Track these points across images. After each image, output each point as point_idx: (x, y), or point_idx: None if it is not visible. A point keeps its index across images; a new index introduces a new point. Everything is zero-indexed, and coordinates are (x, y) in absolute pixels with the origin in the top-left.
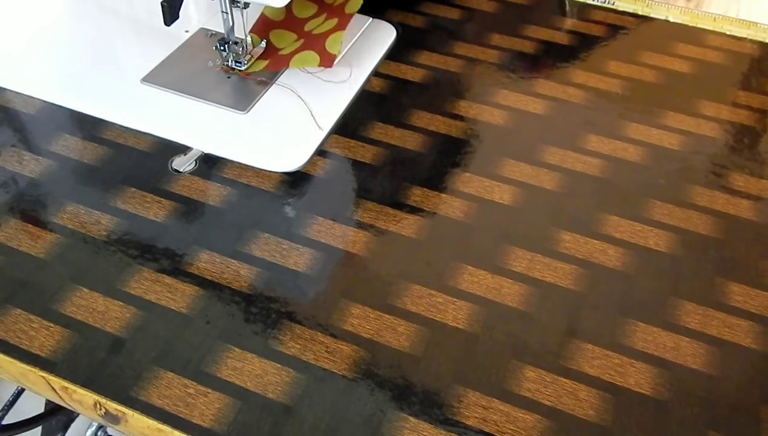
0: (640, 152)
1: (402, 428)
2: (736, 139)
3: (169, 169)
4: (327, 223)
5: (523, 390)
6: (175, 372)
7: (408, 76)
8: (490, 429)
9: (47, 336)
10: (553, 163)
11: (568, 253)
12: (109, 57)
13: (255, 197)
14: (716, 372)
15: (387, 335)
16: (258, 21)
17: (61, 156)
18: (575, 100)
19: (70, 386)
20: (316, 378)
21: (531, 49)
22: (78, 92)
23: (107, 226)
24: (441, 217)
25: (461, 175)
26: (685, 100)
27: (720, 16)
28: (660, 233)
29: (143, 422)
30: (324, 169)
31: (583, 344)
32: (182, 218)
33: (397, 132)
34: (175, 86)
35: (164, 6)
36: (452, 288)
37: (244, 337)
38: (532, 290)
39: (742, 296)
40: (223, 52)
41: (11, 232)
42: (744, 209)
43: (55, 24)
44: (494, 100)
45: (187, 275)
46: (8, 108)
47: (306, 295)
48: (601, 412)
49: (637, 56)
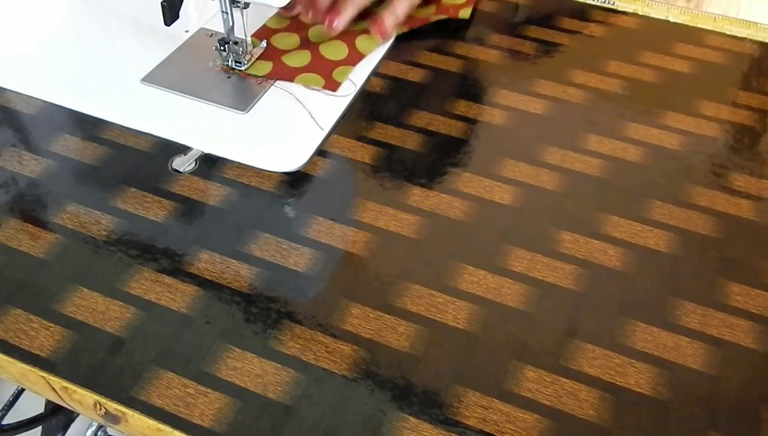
0: (640, 152)
1: (402, 428)
2: (736, 139)
3: (169, 169)
4: (327, 223)
5: (523, 390)
6: (175, 372)
7: (408, 76)
8: (490, 429)
9: (47, 336)
10: (553, 163)
11: (568, 253)
12: (109, 57)
13: (255, 197)
14: (716, 372)
15: (387, 335)
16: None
17: (61, 156)
18: (575, 100)
19: (70, 386)
20: (316, 378)
21: (531, 49)
22: (78, 92)
23: (107, 226)
24: (441, 217)
25: (461, 175)
26: (685, 100)
27: (720, 16)
28: (660, 233)
29: (143, 422)
30: (324, 169)
31: (583, 344)
32: (182, 218)
33: (397, 132)
34: (175, 86)
35: (164, 6)
36: (452, 288)
37: (244, 337)
38: (532, 290)
39: (742, 296)
40: (223, 52)
41: (11, 232)
42: (744, 209)
43: (55, 24)
44: (494, 100)
45: (187, 275)
46: (8, 108)
47: (306, 295)
48: (601, 412)
49: (637, 56)
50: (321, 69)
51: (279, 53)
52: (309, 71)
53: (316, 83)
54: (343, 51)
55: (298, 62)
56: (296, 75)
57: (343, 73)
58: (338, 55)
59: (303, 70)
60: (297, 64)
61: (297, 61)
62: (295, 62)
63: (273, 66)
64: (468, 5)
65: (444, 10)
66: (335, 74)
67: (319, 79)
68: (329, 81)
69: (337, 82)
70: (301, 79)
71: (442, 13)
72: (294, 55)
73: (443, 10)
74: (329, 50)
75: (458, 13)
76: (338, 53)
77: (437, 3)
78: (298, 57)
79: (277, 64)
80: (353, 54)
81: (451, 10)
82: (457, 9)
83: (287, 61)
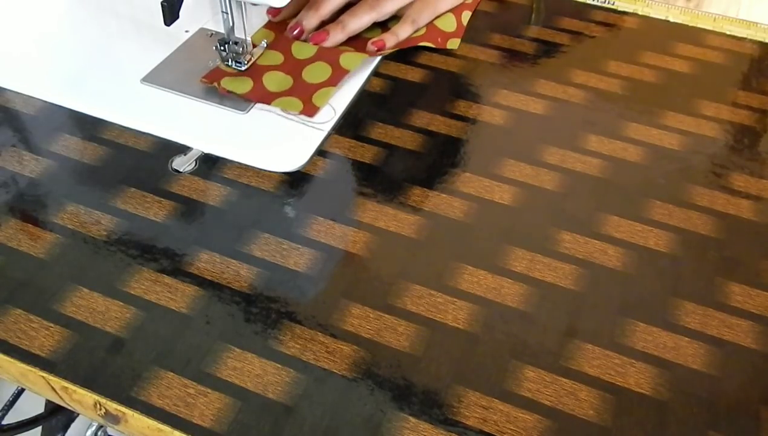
0: (640, 152)
1: (402, 428)
2: (736, 139)
3: (169, 169)
4: (327, 223)
5: (523, 390)
6: (175, 372)
7: (408, 76)
8: (490, 429)
9: (47, 336)
10: (553, 163)
11: (568, 253)
12: (109, 57)
13: (255, 197)
14: (716, 372)
15: (387, 335)
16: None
17: (61, 156)
18: (575, 100)
19: (70, 386)
20: (316, 378)
21: (531, 49)
22: (78, 92)
23: (107, 226)
24: (441, 217)
25: (461, 175)
26: (685, 100)
27: (720, 16)
28: (660, 233)
29: (143, 422)
30: (324, 169)
31: (583, 344)
32: (182, 218)
33: (397, 132)
34: (175, 86)
35: (164, 6)
36: (452, 288)
37: (244, 337)
38: (532, 290)
39: (742, 296)
40: (223, 52)
41: (11, 232)
42: (744, 209)
43: (56, 24)
44: (494, 100)
45: (187, 275)
46: (8, 108)
47: (306, 295)
48: (601, 412)
49: (637, 56)
50: (301, 93)
51: (261, 71)
52: (288, 95)
53: (294, 108)
54: (326, 72)
55: (278, 86)
56: (274, 99)
57: (323, 97)
58: (320, 78)
59: (282, 94)
60: (276, 88)
61: (277, 85)
62: (275, 86)
63: (253, 86)
64: (457, 36)
65: (433, 38)
66: (315, 98)
67: (297, 103)
68: (308, 106)
69: (316, 107)
70: (279, 103)
71: (431, 41)
72: (275, 77)
73: (432, 37)
74: (311, 73)
75: (446, 44)
76: (321, 75)
77: (428, 27)
78: (280, 80)
79: (257, 85)
80: (336, 72)
81: (440, 39)
82: (446, 39)
83: (267, 84)
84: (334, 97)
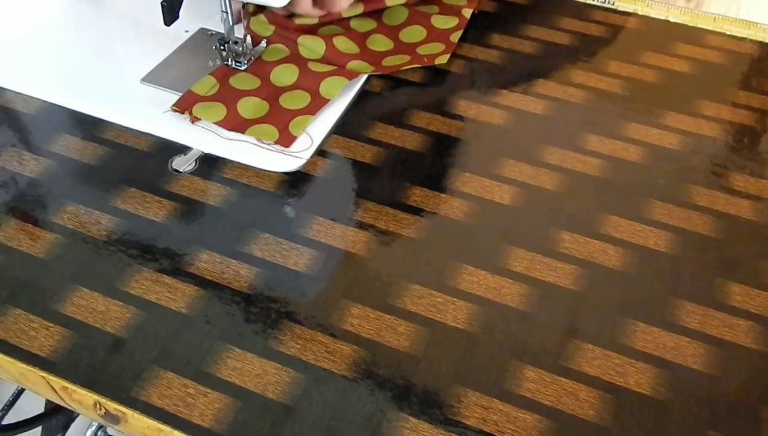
0: (640, 152)
1: (402, 428)
2: (736, 139)
3: (169, 169)
4: (327, 223)
5: (523, 390)
6: (175, 372)
7: (408, 76)
8: (490, 429)
9: (47, 336)
10: (553, 163)
11: (568, 253)
12: (109, 57)
13: (255, 197)
14: (716, 372)
15: (387, 335)
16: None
17: (61, 156)
18: (575, 100)
19: (70, 386)
20: (316, 378)
21: (531, 49)
22: (78, 92)
23: (107, 226)
24: (441, 217)
25: (461, 175)
26: (685, 100)
27: (720, 16)
28: (660, 233)
29: (143, 422)
30: (324, 169)
31: (583, 344)
32: (182, 218)
33: (397, 132)
34: (175, 86)
35: (164, 6)
36: (452, 288)
37: (244, 337)
38: (532, 290)
39: (742, 296)
40: (223, 52)
41: (11, 232)
42: (744, 209)
43: (55, 24)
44: (494, 100)
45: (187, 275)
46: (8, 108)
47: (306, 295)
48: (601, 412)
49: (637, 56)
50: (277, 120)
51: (235, 96)
52: (264, 122)
53: (269, 137)
54: (304, 100)
55: (253, 113)
56: (248, 127)
57: (300, 125)
58: (298, 104)
59: (257, 121)
60: (251, 115)
61: (252, 112)
62: (250, 112)
63: (227, 114)
64: (446, 52)
65: (419, 60)
66: (292, 126)
67: (273, 131)
68: (284, 134)
69: (293, 136)
70: (253, 132)
71: (417, 63)
72: (251, 103)
73: (418, 59)
74: (289, 100)
75: (434, 61)
76: (299, 102)
77: (412, 53)
78: (256, 106)
79: (230, 113)
80: (315, 101)
81: (427, 59)
82: (433, 57)
83: (242, 111)
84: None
